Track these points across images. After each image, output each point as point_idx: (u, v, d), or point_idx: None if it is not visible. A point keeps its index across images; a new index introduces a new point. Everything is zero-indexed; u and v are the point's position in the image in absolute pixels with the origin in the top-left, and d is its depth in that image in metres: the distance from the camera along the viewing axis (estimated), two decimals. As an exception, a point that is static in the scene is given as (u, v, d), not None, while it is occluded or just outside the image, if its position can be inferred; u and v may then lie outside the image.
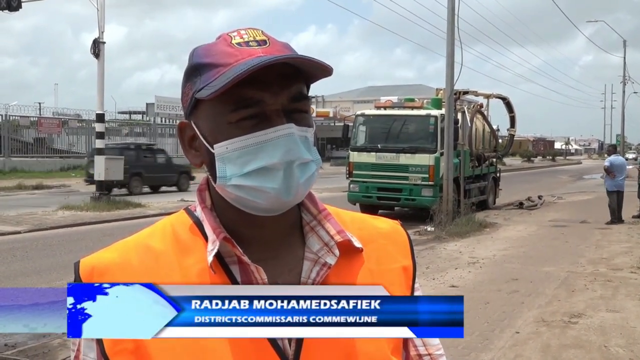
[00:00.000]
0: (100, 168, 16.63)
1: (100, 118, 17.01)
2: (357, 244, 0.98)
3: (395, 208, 16.54)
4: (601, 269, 9.30)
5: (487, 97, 19.65)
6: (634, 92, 66.54)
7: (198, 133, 0.96)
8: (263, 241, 0.97)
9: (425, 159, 14.77)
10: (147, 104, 48.19)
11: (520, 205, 19.02)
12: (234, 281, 0.92)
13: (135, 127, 38.18)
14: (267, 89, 0.90)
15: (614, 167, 15.39)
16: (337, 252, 0.97)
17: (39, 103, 40.76)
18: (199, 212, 0.99)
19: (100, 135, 17.09)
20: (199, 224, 0.98)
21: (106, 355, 0.90)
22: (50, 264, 9.32)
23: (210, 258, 0.91)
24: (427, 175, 14.74)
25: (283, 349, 0.90)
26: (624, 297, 7.61)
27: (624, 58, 56.92)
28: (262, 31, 0.96)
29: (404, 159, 14.91)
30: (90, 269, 0.94)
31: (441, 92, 16.72)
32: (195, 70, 0.95)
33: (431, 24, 71.92)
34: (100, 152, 16.89)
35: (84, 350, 0.94)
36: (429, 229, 13.28)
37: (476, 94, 19.26)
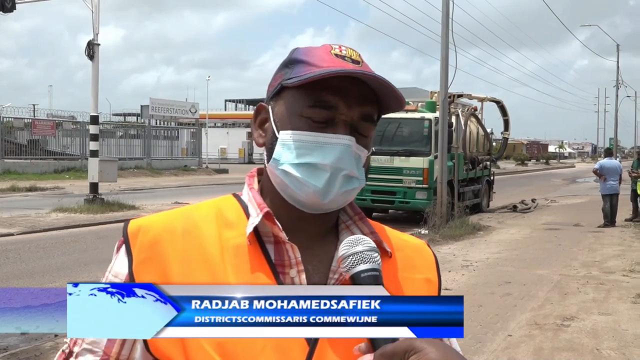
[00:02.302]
0: (94, 170, 16.56)
1: (94, 120, 16.91)
2: (387, 248, 1.05)
3: (390, 211, 16.55)
4: (594, 272, 9.33)
5: (481, 100, 19.69)
6: (627, 96, 66.91)
7: (271, 117, 1.05)
8: (300, 231, 1.03)
9: (419, 162, 14.78)
10: (141, 106, 48.07)
11: (514, 208, 19.07)
12: (267, 258, 0.98)
13: (130, 129, 38.00)
14: (344, 99, 0.99)
15: (603, 170, 15.44)
16: None
17: (33, 105, 40.62)
18: (246, 195, 1.07)
19: (94, 137, 16.99)
20: (244, 206, 1.05)
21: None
22: (43, 266, 9.28)
23: (249, 229, 0.99)
24: (421, 178, 14.75)
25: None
26: (616, 300, 7.64)
27: (617, 62, 57.23)
28: (359, 54, 1.06)
29: (398, 161, 14.90)
30: (137, 227, 1.01)
31: (435, 95, 16.73)
32: (290, 63, 1.05)
33: (427, 28, 72.08)
34: (94, 154, 16.80)
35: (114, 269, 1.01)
36: (422, 232, 13.29)
37: (470, 97, 19.30)
